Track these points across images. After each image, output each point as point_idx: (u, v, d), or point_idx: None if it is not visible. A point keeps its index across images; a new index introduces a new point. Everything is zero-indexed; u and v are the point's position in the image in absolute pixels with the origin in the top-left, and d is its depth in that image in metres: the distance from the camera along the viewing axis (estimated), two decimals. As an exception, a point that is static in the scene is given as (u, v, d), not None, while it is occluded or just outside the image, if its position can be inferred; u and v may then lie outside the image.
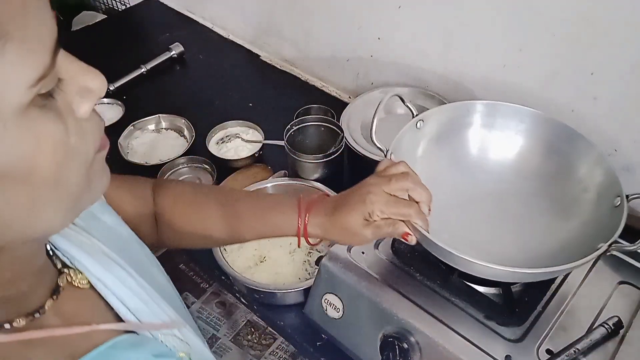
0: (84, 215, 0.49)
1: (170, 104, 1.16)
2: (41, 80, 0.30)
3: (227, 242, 0.71)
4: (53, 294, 0.41)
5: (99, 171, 0.38)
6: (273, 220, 0.63)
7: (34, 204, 0.32)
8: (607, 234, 0.58)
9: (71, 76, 0.33)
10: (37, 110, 0.30)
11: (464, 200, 0.73)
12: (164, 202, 0.65)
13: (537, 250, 0.66)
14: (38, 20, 0.29)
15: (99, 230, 0.50)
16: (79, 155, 0.34)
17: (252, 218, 0.64)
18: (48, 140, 0.31)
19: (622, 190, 0.61)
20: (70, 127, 0.33)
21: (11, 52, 0.28)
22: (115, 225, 0.54)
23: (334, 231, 0.60)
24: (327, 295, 0.71)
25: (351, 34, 1.10)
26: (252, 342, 1.36)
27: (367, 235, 0.58)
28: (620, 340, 0.61)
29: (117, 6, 1.63)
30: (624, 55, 0.75)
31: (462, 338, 0.61)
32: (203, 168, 1.04)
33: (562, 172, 0.71)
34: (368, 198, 0.57)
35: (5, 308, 0.37)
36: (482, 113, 0.74)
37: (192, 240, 0.67)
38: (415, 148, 0.73)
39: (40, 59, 0.29)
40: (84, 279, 0.44)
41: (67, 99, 0.33)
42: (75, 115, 0.34)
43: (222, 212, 0.64)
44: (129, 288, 0.46)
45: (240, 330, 1.39)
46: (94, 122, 0.36)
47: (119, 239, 0.52)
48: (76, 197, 0.36)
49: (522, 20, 0.83)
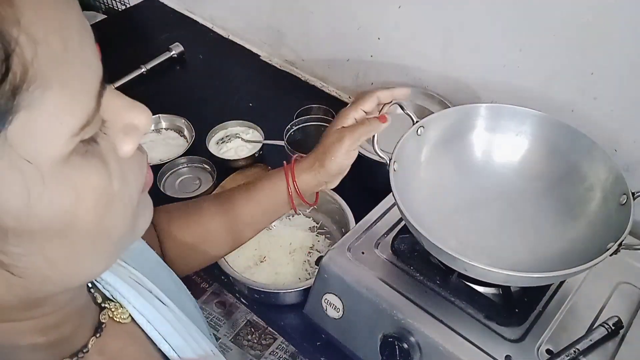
0: None
1: (170, 104, 1.16)
2: (85, 127, 0.26)
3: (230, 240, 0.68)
4: (96, 332, 0.39)
5: (142, 209, 0.34)
6: (265, 193, 0.64)
7: (73, 257, 0.30)
8: (615, 233, 0.58)
9: (115, 115, 0.30)
10: (79, 159, 0.27)
11: (470, 204, 0.73)
12: (160, 219, 0.64)
13: (546, 252, 0.66)
14: (81, 62, 0.26)
15: (132, 257, 0.48)
16: (122, 200, 0.31)
17: (248, 202, 0.64)
18: (89, 190, 0.28)
19: (628, 188, 0.61)
20: (113, 172, 0.29)
21: (50, 101, 0.24)
22: (144, 250, 0.52)
23: (323, 168, 0.62)
24: (327, 295, 0.71)
25: (351, 34, 1.10)
26: (252, 342, 1.36)
27: (345, 143, 0.61)
28: (620, 340, 0.61)
29: (117, 6, 1.63)
30: (624, 55, 0.75)
31: (462, 338, 0.61)
32: (203, 168, 1.04)
33: (567, 173, 0.71)
34: (338, 121, 0.63)
35: (49, 351, 0.36)
36: (483, 116, 0.74)
37: (197, 251, 0.65)
38: (418, 155, 0.72)
39: (84, 105, 0.26)
40: (125, 312, 0.43)
41: (109, 140, 0.30)
42: (119, 155, 0.30)
43: (217, 206, 0.64)
44: (169, 322, 0.44)
45: (240, 330, 1.39)
46: (137, 159, 0.32)
47: (150, 265, 0.51)
48: (118, 241, 0.33)
49: (522, 20, 0.83)
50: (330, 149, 0.62)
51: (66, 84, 0.25)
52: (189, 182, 1.02)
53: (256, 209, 0.64)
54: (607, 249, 0.56)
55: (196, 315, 0.54)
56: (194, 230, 0.64)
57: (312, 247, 0.89)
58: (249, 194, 0.64)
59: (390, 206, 0.77)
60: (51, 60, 0.24)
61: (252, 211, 0.64)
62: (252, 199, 0.64)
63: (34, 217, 0.26)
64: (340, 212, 0.88)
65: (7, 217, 0.25)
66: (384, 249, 0.72)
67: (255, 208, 0.64)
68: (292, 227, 0.91)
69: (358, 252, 0.71)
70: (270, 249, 0.87)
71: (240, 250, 0.86)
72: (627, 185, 0.61)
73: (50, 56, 0.24)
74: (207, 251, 0.66)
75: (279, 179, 0.63)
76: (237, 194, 0.65)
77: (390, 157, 0.65)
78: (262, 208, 0.65)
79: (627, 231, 0.57)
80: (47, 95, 0.24)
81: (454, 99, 0.99)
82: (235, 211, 0.64)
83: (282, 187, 0.63)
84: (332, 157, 0.62)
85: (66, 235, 0.28)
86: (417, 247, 0.71)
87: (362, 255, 0.71)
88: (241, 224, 0.65)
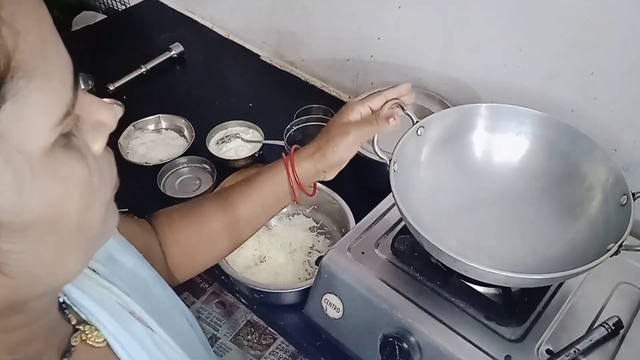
0: (104, 261, 0.47)
1: (170, 104, 1.16)
2: (66, 117, 0.28)
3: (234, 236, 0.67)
4: (64, 355, 0.39)
5: (111, 210, 0.36)
6: (266, 184, 0.64)
7: (60, 254, 0.31)
8: (615, 234, 0.58)
9: (86, 111, 0.32)
10: (61, 151, 0.29)
11: (470, 204, 0.73)
12: (161, 222, 0.63)
13: (546, 253, 0.66)
14: (57, 54, 0.28)
15: (120, 275, 0.48)
16: (100, 195, 0.32)
17: (249, 196, 0.64)
18: (74, 182, 0.29)
19: (628, 188, 0.61)
20: (91, 166, 0.31)
21: (35, 90, 0.26)
22: (137, 267, 0.51)
23: (324, 157, 0.63)
24: (327, 295, 0.71)
25: (351, 34, 1.10)
26: (252, 342, 1.36)
27: (350, 137, 0.62)
28: (620, 340, 0.61)
29: (117, 6, 1.63)
30: (624, 55, 0.75)
31: (462, 338, 0.61)
32: (203, 168, 1.04)
33: (567, 173, 0.71)
34: (345, 113, 0.64)
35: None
36: (483, 116, 0.74)
37: (200, 252, 0.65)
38: (418, 155, 0.72)
39: (64, 96, 0.28)
40: (100, 336, 0.41)
41: (83, 136, 0.31)
42: (92, 152, 0.32)
43: (218, 204, 0.64)
44: (145, 349, 0.43)
45: (240, 330, 1.39)
46: (107, 157, 0.34)
47: (140, 283, 0.50)
48: (94, 239, 0.34)
49: (522, 20, 0.83)
50: (334, 140, 0.62)
51: (48, 74, 0.27)
52: (189, 182, 1.02)
53: (257, 202, 0.64)
54: (608, 250, 0.55)
55: (189, 335, 0.53)
56: (197, 230, 0.63)
57: (312, 247, 0.89)
58: (249, 188, 0.64)
59: (390, 206, 0.77)
60: (32, 51, 0.25)
61: (253, 205, 0.64)
62: (252, 193, 0.64)
63: (26, 210, 0.27)
64: (340, 212, 0.88)
65: (0, 211, 0.26)
66: (384, 249, 0.72)
67: (256, 201, 0.64)
68: (292, 228, 0.91)
69: (358, 252, 0.71)
70: (270, 249, 0.87)
71: (240, 250, 0.86)
72: (627, 186, 0.61)
73: (31, 47, 0.25)
74: (211, 250, 0.66)
75: (280, 169, 0.63)
76: (237, 190, 0.65)
77: (390, 157, 0.65)
78: (263, 201, 0.64)
79: (628, 232, 0.57)
80: (31, 85, 0.25)
81: (454, 99, 0.99)
82: (236, 207, 0.64)
83: (282, 177, 0.63)
84: (334, 147, 0.62)
85: (55, 230, 0.29)
86: (417, 247, 0.71)
87: (362, 255, 0.71)
88: (243, 219, 0.64)
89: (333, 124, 0.64)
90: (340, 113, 0.65)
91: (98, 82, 1.20)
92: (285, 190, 0.64)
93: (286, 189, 0.63)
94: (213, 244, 0.65)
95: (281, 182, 0.63)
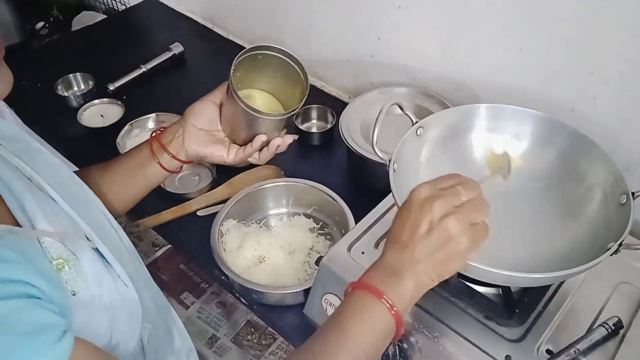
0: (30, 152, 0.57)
1: (170, 104, 1.15)
2: None
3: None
4: None
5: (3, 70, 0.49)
6: (126, 154, 0.77)
7: None
8: (615, 233, 0.58)
9: None
10: None
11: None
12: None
13: (546, 252, 0.66)
14: None
15: (34, 161, 0.55)
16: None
17: (108, 169, 0.75)
18: None
19: (628, 188, 0.61)
20: None
21: None
22: (54, 165, 0.60)
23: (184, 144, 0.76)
24: (327, 295, 0.71)
25: (351, 34, 1.10)
26: (252, 342, 1.36)
27: (201, 153, 0.78)
28: (620, 340, 0.61)
29: (117, 6, 1.63)
30: (624, 55, 0.75)
31: (462, 338, 0.61)
32: (202, 164, 1.04)
33: (567, 173, 0.71)
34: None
35: None
36: (483, 116, 0.74)
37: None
38: (418, 155, 0.72)
39: None
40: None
41: None
42: None
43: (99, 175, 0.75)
44: (33, 195, 0.50)
45: (240, 330, 1.39)
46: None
47: (54, 171, 0.59)
48: None
49: (522, 20, 0.83)
50: (190, 139, 0.76)
51: None
52: (189, 179, 1.03)
53: (118, 173, 0.75)
54: (608, 249, 0.55)
55: (94, 205, 0.63)
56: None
57: (311, 248, 0.88)
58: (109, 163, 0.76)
59: (390, 206, 0.77)
60: None
61: (114, 176, 0.75)
62: (111, 165, 0.76)
63: None
64: (340, 213, 0.88)
65: None
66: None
67: (117, 174, 0.75)
68: (292, 228, 0.91)
69: (358, 252, 0.71)
70: (270, 249, 0.87)
71: (240, 250, 0.86)
72: (627, 186, 0.61)
73: None
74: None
75: (144, 146, 0.76)
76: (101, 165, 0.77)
77: (390, 157, 0.65)
78: (124, 168, 0.75)
79: (627, 231, 0.57)
80: None
81: (454, 99, 0.99)
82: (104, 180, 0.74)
83: (144, 145, 0.76)
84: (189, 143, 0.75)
85: None
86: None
87: (362, 255, 0.71)
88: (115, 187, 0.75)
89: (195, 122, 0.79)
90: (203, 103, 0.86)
91: (98, 82, 1.20)
92: (147, 153, 0.75)
93: (147, 152, 0.75)
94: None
95: (143, 149, 0.76)
